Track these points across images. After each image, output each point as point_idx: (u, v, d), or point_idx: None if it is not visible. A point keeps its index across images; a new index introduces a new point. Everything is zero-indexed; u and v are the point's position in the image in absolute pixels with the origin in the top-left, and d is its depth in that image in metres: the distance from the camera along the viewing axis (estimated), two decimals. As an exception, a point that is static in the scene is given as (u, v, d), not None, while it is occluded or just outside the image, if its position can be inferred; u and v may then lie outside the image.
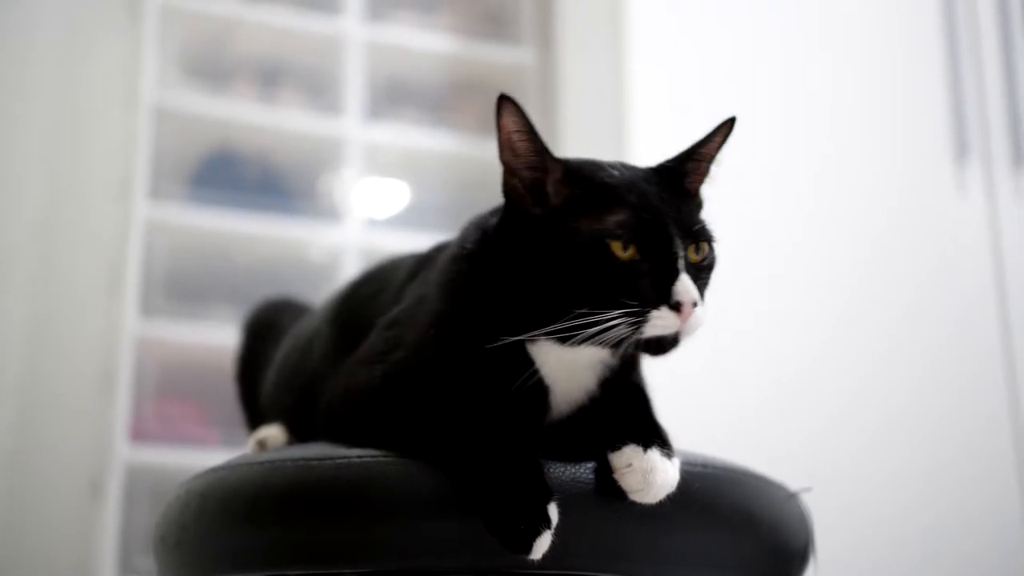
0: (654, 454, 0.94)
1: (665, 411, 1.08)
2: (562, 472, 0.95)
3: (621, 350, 0.96)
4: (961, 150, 2.33)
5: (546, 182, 0.99)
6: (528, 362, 1.00)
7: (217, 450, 2.23)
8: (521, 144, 0.99)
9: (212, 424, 2.41)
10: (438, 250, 1.14)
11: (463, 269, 1.03)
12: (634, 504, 0.95)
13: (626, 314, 0.93)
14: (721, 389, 2.03)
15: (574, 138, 2.60)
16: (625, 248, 0.95)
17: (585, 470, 0.96)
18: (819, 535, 1.13)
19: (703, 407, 1.97)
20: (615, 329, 0.93)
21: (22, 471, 2.42)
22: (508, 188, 1.01)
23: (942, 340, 2.24)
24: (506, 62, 2.84)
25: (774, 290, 2.10)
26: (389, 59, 2.76)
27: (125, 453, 2.29)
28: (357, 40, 2.70)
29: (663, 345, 0.97)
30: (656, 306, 0.94)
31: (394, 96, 2.77)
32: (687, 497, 0.98)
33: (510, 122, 0.98)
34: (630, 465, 0.94)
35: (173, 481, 1.15)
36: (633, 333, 0.93)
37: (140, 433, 2.34)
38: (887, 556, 2.07)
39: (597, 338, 0.94)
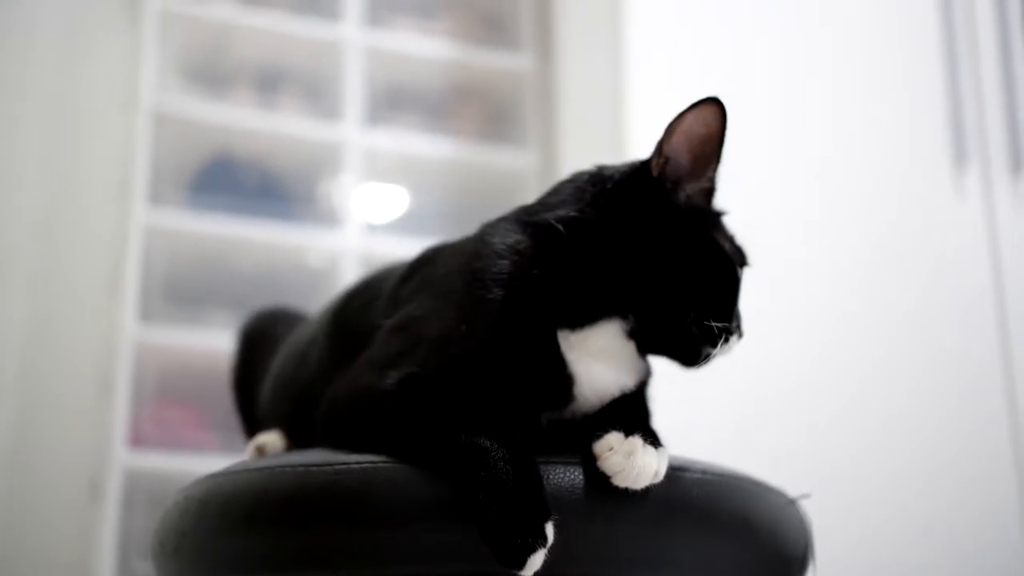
0: (636, 439, 0.96)
1: (664, 417, 1.08)
2: (562, 477, 0.95)
3: (696, 363, 1.05)
4: (960, 156, 2.33)
5: (686, 185, 1.04)
6: (556, 353, 1.01)
7: (216, 455, 2.23)
8: (706, 144, 1.03)
9: (211, 429, 2.41)
10: (434, 252, 1.14)
11: (515, 260, 1.03)
12: (632, 509, 0.95)
13: (726, 331, 1.03)
14: (719, 394, 2.03)
15: (573, 143, 2.60)
16: (739, 275, 1.05)
17: (584, 475, 0.96)
18: (818, 541, 1.13)
19: (702, 413, 1.97)
20: (712, 346, 1.02)
21: (21, 475, 2.42)
22: (653, 171, 1.04)
23: (941, 345, 2.25)
24: (505, 67, 2.84)
25: (772, 294, 2.10)
26: (388, 64, 2.76)
27: (124, 458, 2.29)
28: (356, 45, 2.71)
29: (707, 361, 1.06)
30: (735, 331, 1.05)
31: (393, 101, 2.77)
32: (686, 503, 0.98)
33: (714, 122, 1.02)
34: (611, 448, 0.96)
35: (172, 486, 1.15)
36: (714, 349, 1.03)
37: (139, 437, 2.34)
38: (886, 561, 2.07)
39: (692, 348, 1.03)
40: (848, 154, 2.32)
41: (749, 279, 1.09)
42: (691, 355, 1.05)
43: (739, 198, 1.10)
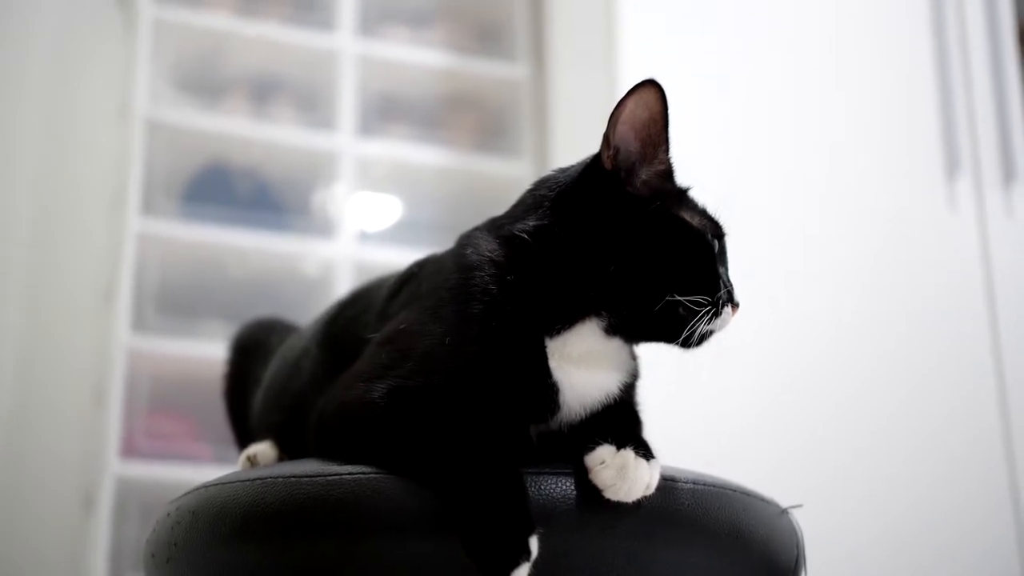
0: (628, 452, 0.96)
1: (656, 426, 1.08)
2: (553, 487, 0.95)
3: (690, 345, 1.02)
4: (952, 167, 2.34)
5: (640, 171, 1.04)
6: (542, 360, 1.01)
7: (209, 465, 2.23)
8: (651, 126, 1.03)
9: (204, 439, 2.40)
10: (420, 266, 1.15)
11: (493, 272, 1.03)
12: (623, 520, 0.95)
13: (712, 305, 1.00)
14: (712, 404, 2.03)
15: (567, 152, 2.60)
16: (715, 248, 1.04)
17: (575, 486, 0.96)
18: (810, 551, 1.13)
19: (694, 422, 1.97)
20: (700, 321, 1.00)
21: (14, 485, 2.42)
22: (601, 164, 1.04)
23: (933, 355, 2.25)
24: (499, 77, 2.85)
25: (766, 305, 2.10)
26: (382, 74, 2.77)
27: (117, 468, 2.29)
28: (350, 55, 2.71)
29: (702, 340, 1.04)
30: (727, 302, 1.03)
31: (387, 111, 2.77)
32: (677, 514, 0.98)
33: (654, 104, 1.02)
34: (603, 462, 0.96)
35: (164, 496, 1.15)
36: (708, 326, 1.01)
37: (132, 448, 2.34)
38: (878, 571, 2.07)
39: (681, 328, 1.01)
40: (841, 165, 2.33)
41: (741, 291, 1.09)
42: (677, 334, 1.02)
43: (733, 213, 1.09)
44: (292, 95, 2.73)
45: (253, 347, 1.44)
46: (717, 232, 1.06)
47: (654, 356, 1.11)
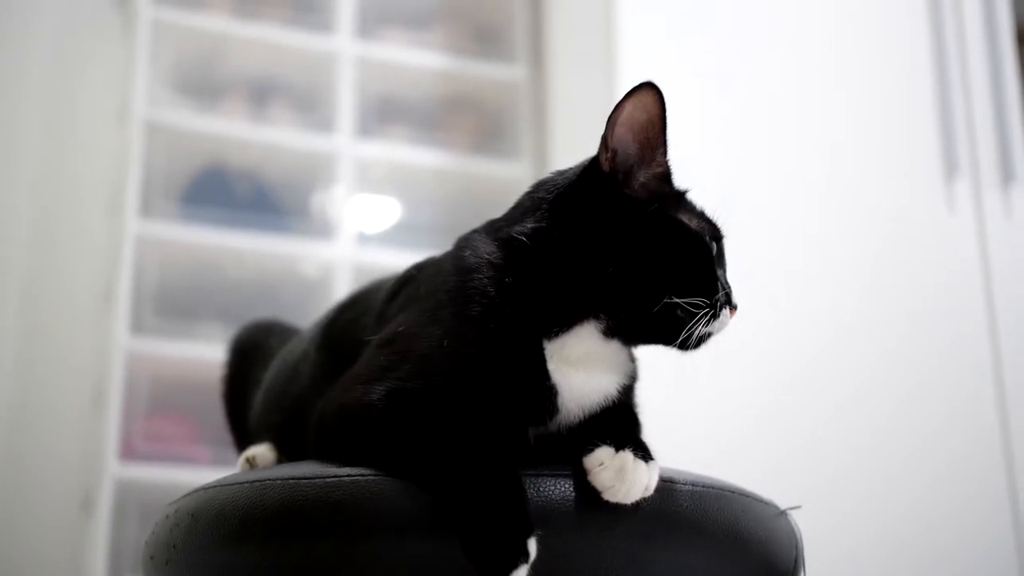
0: (627, 454, 0.96)
1: (655, 428, 1.08)
2: (552, 489, 0.95)
3: (688, 347, 1.02)
4: (950, 168, 2.34)
5: (638, 173, 1.04)
6: (541, 363, 1.01)
7: (208, 467, 2.23)
8: (649, 129, 1.03)
9: (203, 441, 2.40)
10: (418, 268, 1.15)
11: (491, 275, 1.03)
12: (622, 522, 0.95)
13: (710, 307, 1.01)
14: (711, 406, 2.03)
15: (566, 154, 2.61)
16: (713, 250, 1.04)
17: (574, 487, 0.96)
18: (808, 552, 1.13)
19: (693, 424, 1.97)
20: (698, 323, 1.00)
21: (13, 487, 2.42)
22: (600, 166, 1.04)
23: (933, 355, 2.25)
24: (498, 79, 2.85)
25: (765, 306, 2.10)
26: (381, 76, 2.77)
27: (116, 470, 2.29)
28: (349, 57, 2.71)
29: (700, 342, 1.04)
30: (725, 304, 1.03)
31: (385, 112, 2.77)
32: (676, 515, 0.98)
33: (652, 106, 1.02)
34: (602, 464, 0.96)
35: (164, 498, 1.15)
36: (706, 328, 1.02)
37: (131, 450, 2.34)
38: (878, 573, 2.07)
39: (678, 330, 1.01)
40: (841, 165, 2.33)
41: (740, 292, 1.09)
42: (675, 337, 1.02)
43: (732, 215, 1.09)
44: (291, 97, 2.73)
45: (252, 349, 1.44)
46: (715, 234, 1.06)
47: (653, 358, 1.11)
